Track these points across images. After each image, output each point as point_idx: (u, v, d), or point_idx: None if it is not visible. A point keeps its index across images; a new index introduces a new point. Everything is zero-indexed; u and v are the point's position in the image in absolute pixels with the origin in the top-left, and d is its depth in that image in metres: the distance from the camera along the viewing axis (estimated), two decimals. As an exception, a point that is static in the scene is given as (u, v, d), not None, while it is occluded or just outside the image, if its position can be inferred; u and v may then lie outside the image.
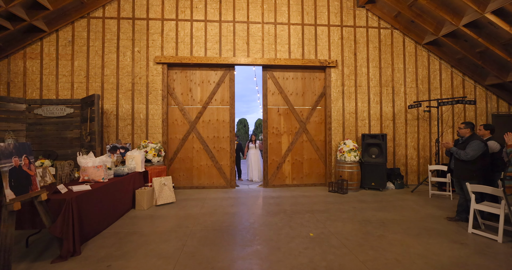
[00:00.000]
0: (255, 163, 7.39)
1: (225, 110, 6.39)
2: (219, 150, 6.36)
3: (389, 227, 3.58)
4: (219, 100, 6.38)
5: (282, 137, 6.55)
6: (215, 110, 6.36)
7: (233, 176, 6.37)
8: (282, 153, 6.54)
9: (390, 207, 4.57)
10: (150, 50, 6.17)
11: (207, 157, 6.30)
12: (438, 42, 6.54)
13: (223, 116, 6.39)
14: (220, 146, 6.37)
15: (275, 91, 6.58)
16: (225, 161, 6.36)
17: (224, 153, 6.37)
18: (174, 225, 3.73)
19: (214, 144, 6.34)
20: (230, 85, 6.39)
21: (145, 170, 4.95)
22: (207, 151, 6.29)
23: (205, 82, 6.36)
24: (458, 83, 6.91)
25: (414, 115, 6.78)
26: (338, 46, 6.62)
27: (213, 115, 6.36)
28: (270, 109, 6.55)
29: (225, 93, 6.39)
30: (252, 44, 6.39)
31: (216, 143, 6.36)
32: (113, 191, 3.79)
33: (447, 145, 3.76)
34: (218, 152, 6.36)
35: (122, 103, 6.07)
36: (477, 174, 3.53)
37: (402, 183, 6.26)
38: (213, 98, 6.35)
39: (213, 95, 6.34)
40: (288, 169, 6.55)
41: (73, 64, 5.95)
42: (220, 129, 6.38)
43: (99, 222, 3.33)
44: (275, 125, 6.56)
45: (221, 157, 6.36)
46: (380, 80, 6.71)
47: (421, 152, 6.77)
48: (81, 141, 5.34)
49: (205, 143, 6.28)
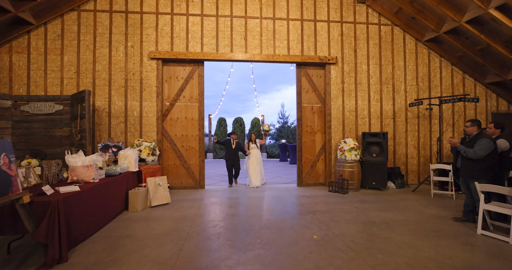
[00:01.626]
0: (257, 164, 6.49)
1: (193, 108, 6.14)
2: (187, 149, 6.12)
3: (395, 229, 3.44)
4: (188, 97, 6.13)
5: (316, 135, 6.44)
6: (183, 107, 6.11)
7: (202, 176, 6.12)
8: (316, 151, 6.46)
9: (393, 207, 4.45)
10: (144, 45, 5.93)
11: (174, 156, 6.06)
12: (439, 39, 6.44)
13: (191, 113, 6.13)
14: (189, 145, 6.11)
15: (308, 88, 6.46)
16: (194, 160, 6.11)
17: (193, 152, 6.12)
18: (170, 228, 3.52)
19: (182, 143, 6.10)
20: (199, 81, 6.15)
21: (138, 170, 4.72)
22: (174, 150, 6.06)
23: (172, 78, 6.10)
24: (458, 81, 6.84)
25: (415, 114, 6.68)
26: (338, 43, 6.48)
27: (181, 112, 6.11)
28: (304, 107, 6.43)
29: (194, 89, 6.15)
30: (250, 40, 6.20)
31: (185, 142, 6.11)
32: (105, 192, 3.57)
33: (454, 142, 3.63)
34: (187, 151, 6.11)
35: (115, 100, 5.81)
36: (485, 173, 3.42)
37: (403, 182, 6.15)
38: (181, 95, 6.11)
39: (181, 91, 6.10)
40: (322, 167, 6.47)
41: (62, 59, 5.67)
42: (189, 127, 6.11)
43: (88, 225, 3.10)
44: (309, 123, 6.43)
45: (189, 157, 6.11)
46: (380, 77, 6.59)
47: (421, 151, 6.68)
48: (71, 140, 5.08)
49: (172, 142, 6.05)
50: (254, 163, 6.47)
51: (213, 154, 14.92)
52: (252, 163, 6.47)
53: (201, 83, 6.15)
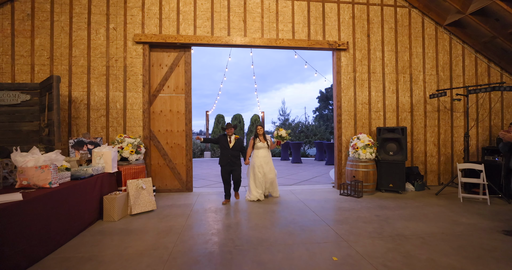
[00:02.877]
0: (264, 171, 4.67)
1: (179, 99, 5.37)
2: (173, 147, 5.36)
3: (433, 246, 2.72)
4: (173, 87, 5.36)
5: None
6: (167, 99, 5.35)
7: (189, 177, 5.35)
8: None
9: (421, 215, 3.73)
10: (129, 27, 5.17)
11: (158, 154, 5.32)
12: (462, 23, 5.71)
13: (177, 106, 5.36)
14: (174, 141, 5.36)
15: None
16: (180, 159, 5.35)
17: (179, 150, 5.35)
18: (149, 244, 2.79)
19: (166, 140, 5.35)
20: (186, 69, 5.38)
21: (118, 171, 3.98)
22: (158, 148, 5.31)
23: (155, 66, 5.35)
24: (483, 71, 6.11)
25: (435, 106, 5.96)
26: (349, 26, 5.73)
27: (165, 105, 5.35)
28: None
29: (179, 78, 5.38)
30: (250, 22, 5.45)
31: (169, 138, 5.35)
32: (68, 199, 2.83)
33: (509, 136, 2.91)
34: (172, 149, 5.36)
35: (95, 90, 5.06)
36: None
37: (423, 184, 5.43)
38: (165, 85, 5.35)
39: (165, 81, 5.33)
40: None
41: (33, 42, 4.91)
42: (174, 122, 5.35)
43: (37, 245, 2.37)
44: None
45: (175, 155, 5.35)
46: (396, 66, 5.85)
47: (442, 149, 5.96)
48: (40, 135, 4.33)
49: (155, 138, 5.31)
50: (262, 169, 4.66)
51: (210, 153, 14.18)
52: (257, 167, 4.66)
53: (188, 71, 5.39)
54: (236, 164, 4.56)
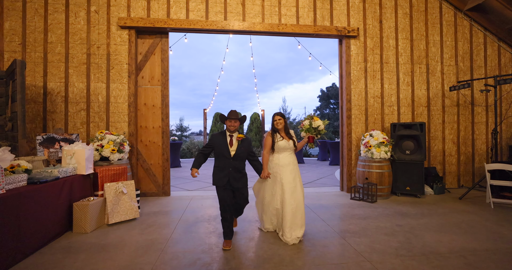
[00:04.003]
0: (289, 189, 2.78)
1: (155, 91, 4.76)
2: (147, 145, 4.75)
3: (481, 269, 2.13)
4: (147, 78, 4.76)
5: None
6: (141, 91, 4.76)
7: (166, 179, 4.73)
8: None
9: (452, 226, 3.14)
10: (112, 10, 4.58)
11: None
12: (485, 8, 5.14)
13: (152, 99, 4.76)
14: (149, 139, 4.75)
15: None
16: (155, 159, 4.74)
17: (155, 149, 4.75)
18: (122, 266, 2.20)
19: (140, 137, 4.74)
20: (163, 57, 4.78)
21: (93, 172, 3.39)
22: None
23: None
24: (506, 61, 5.53)
25: (454, 101, 5.38)
26: (360, 11, 5.15)
27: (139, 98, 4.75)
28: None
29: (155, 68, 4.77)
30: (249, 6, 4.87)
31: (144, 135, 4.74)
32: (18, 209, 2.24)
33: None
34: (147, 148, 4.74)
35: (74, 80, 4.47)
36: None
37: (443, 186, 4.86)
38: (139, 75, 4.74)
39: (139, 71, 4.73)
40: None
41: (2, 26, 4.32)
42: (149, 117, 4.74)
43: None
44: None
45: (150, 155, 4.75)
46: (411, 55, 5.27)
47: (461, 147, 5.38)
48: (5, 131, 3.74)
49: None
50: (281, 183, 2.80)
51: (208, 152, 13.56)
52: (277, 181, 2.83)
53: (164, 60, 4.78)
54: (240, 181, 2.69)
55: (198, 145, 14.97)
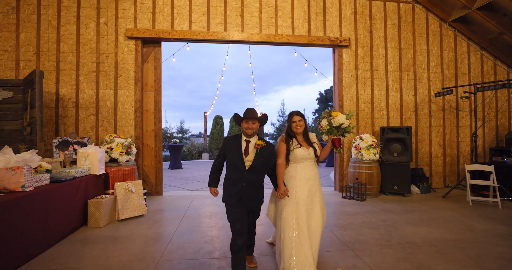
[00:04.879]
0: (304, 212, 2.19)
1: (149, 97, 5.07)
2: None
3: (448, 255, 2.46)
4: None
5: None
6: None
7: (159, 180, 5.03)
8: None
9: (430, 220, 3.48)
10: (120, 22, 4.92)
11: None
12: (468, 19, 5.50)
13: (146, 104, 5.07)
14: (143, 142, 4.99)
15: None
16: (148, 161, 5.02)
17: (148, 151, 5.04)
18: (135, 254, 2.52)
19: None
20: (156, 65, 5.10)
21: (105, 173, 3.71)
22: None
23: None
24: (489, 69, 5.90)
25: (440, 106, 5.73)
26: (351, 22, 5.51)
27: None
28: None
29: (148, 75, 5.08)
30: (248, 17, 5.22)
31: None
32: (45, 204, 2.56)
33: None
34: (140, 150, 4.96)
35: (84, 87, 4.80)
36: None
37: (429, 186, 5.19)
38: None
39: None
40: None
41: (18, 36, 4.65)
42: (143, 121, 4.97)
43: (5, 256, 2.09)
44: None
45: (143, 157, 4.98)
46: (400, 63, 5.63)
47: (447, 149, 5.73)
48: (23, 135, 4.06)
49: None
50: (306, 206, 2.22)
51: (208, 154, 13.91)
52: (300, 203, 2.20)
53: (157, 67, 5.11)
54: (255, 199, 2.16)
55: (198, 147, 15.29)
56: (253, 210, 2.22)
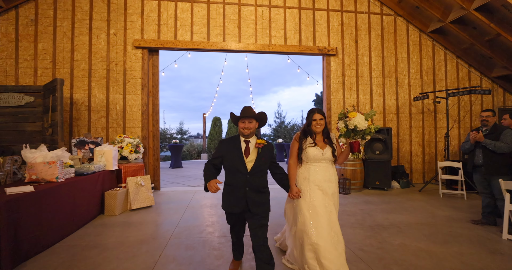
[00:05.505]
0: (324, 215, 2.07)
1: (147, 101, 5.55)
2: None
3: (407, 233, 3.00)
4: None
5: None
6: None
7: (156, 176, 5.52)
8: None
9: (401, 209, 4.02)
10: (128, 33, 5.43)
11: None
12: (444, 30, 6.08)
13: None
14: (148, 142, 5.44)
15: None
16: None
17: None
18: (149, 234, 3.03)
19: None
20: (153, 72, 5.60)
21: (118, 169, 4.21)
22: None
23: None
24: (464, 75, 6.48)
25: (419, 109, 6.30)
26: (338, 33, 6.06)
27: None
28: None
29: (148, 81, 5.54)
30: (244, 29, 5.75)
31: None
32: (73, 193, 3.06)
33: (479, 137, 3.21)
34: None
35: (95, 92, 5.29)
36: (510, 168, 3.01)
37: (408, 181, 5.74)
38: None
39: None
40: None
41: (36, 46, 5.14)
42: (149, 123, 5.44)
43: (47, 233, 2.59)
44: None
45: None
46: (383, 70, 6.19)
47: (426, 149, 6.29)
48: (43, 135, 4.55)
49: None
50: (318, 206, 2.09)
51: (207, 155, 14.40)
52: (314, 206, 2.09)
53: (155, 74, 5.62)
54: (262, 205, 2.01)
55: (198, 147, 15.77)
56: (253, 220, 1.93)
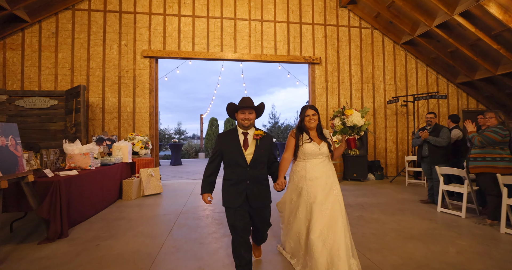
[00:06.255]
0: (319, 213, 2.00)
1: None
2: None
3: (367, 209, 3.82)
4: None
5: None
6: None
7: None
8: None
9: (370, 194, 4.85)
10: (138, 44, 6.18)
11: None
12: (414, 42, 6.97)
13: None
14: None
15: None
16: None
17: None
18: (162, 210, 3.79)
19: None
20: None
21: (132, 161, 4.96)
22: None
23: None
24: (432, 81, 7.38)
25: (393, 110, 7.17)
26: (322, 44, 6.91)
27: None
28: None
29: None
30: (239, 40, 6.55)
31: None
32: (100, 179, 3.81)
33: (425, 135, 4.06)
34: None
35: (109, 96, 6.03)
36: (447, 158, 3.86)
37: (382, 174, 6.59)
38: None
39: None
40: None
41: (57, 56, 5.86)
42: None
43: (86, 208, 3.34)
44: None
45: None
46: (361, 77, 7.05)
47: (399, 146, 7.16)
48: (65, 133, 5.27)
49: None
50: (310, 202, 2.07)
51: (204, 153, 15.13)
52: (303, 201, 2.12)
53: (155, 80, 6.34)
54: (263, 198, 2.03)
55: (195, 147, 16.49)
56: (257, 211, 1.98)
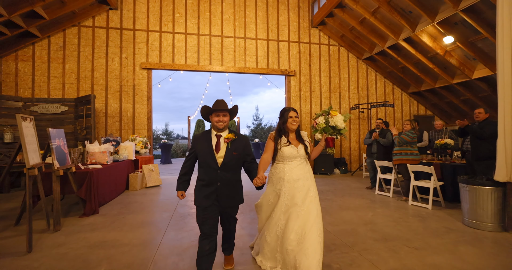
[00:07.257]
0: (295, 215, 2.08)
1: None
2: None
3: (324, 193, 5.01)
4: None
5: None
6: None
7: None
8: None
9: (330, 184, 6.07)
10: (137, 57, 7.08)
11: None
12: (373, 58, 8.33)
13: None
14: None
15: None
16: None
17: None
18: (164, 199, 4.78)
19: None
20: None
21: (135, 159, 5.89)
22: None
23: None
24: (389, 91, 8.80)
25: (356, 116, 8.50)
26: (297, 59, 8.11)
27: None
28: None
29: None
30: (226, 55, 7.61)
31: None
32: (114, 172, 4.73)
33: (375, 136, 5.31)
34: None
35: (111, 102, 6.88)
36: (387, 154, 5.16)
37: (346, 169, 7.89)
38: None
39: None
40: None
41: (64, 67, 6.64)
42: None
43: (106, 193, 4.28)
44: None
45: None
46: (329, 87, 8.32)
47: (361, 145, 8.50)
48: (75, 135, 6.09)
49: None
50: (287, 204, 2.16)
51: (192, 153, 15.95)
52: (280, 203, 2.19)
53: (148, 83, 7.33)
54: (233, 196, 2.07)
55: (183, 147, 17.29)
56: (228, 212, 2.06)
